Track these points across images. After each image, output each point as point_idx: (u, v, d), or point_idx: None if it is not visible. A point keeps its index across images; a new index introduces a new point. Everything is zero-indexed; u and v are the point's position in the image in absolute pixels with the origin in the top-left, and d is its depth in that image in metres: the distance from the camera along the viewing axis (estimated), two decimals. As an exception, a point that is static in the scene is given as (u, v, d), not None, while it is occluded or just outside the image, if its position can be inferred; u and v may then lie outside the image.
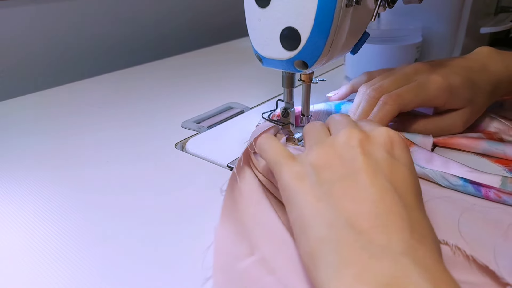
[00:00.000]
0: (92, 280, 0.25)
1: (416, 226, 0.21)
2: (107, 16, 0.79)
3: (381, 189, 0.22)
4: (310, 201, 0.23)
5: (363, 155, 0.24)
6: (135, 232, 0.30)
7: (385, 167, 0.23)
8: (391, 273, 0.18)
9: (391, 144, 0.25)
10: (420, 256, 0.19)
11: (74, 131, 0.47)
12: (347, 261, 0.19)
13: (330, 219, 0.21)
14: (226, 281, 0.24)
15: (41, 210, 0.32)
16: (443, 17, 0.56)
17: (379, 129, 0.26)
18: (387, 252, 0.19)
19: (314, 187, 0.24)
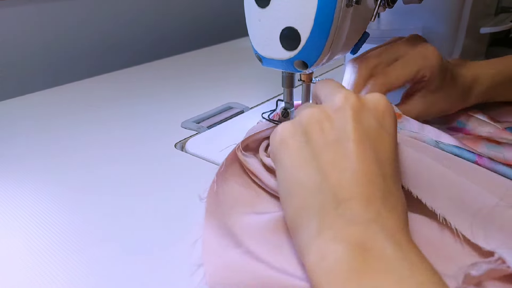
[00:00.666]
0: (92, 281, 0.25)
1: (389, 197, 0.23)
2: (107, 16, 0.79)
3: (366, 159, 0.23)
4: (296, 163, 0.24)
5: (354, 122, 0.24)
6: (135, 232, 0.30)
7: (373, 136, 0.24)
8: (361, 236, 0.21)
9: (382, 112, 0.26)
10: (387, 224, 0.22)
11: (74, 131, 0.47)
12: (325, 226, 0.22)
13: (316, 184, 0.23)
14: (216, 266, 0.24)
15: (40, 210, 0.32)
16: (443, 17, 0.56)
17: (373, 96, 0.26)
18: (360, 219, 0.22)
19: (302, 148, 0.25)
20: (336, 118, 0.25)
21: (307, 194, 0.23)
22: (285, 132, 0.26)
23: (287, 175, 0.24)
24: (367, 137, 0.24)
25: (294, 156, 0.25)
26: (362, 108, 0.25)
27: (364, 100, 0.26)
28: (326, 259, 0.21)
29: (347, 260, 0.20)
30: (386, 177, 0.23)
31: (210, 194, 0.31)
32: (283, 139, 0.25)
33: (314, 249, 0.22)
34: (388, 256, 0.20)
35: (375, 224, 0.21)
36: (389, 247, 0.20)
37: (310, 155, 0.24)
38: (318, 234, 0.22)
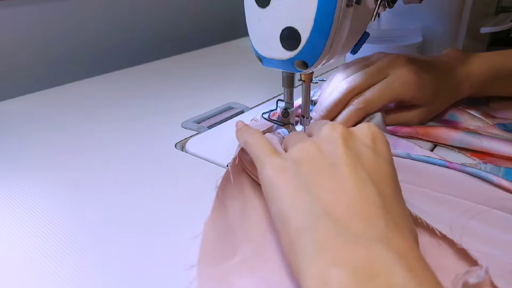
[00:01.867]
0: (91, 280, 0.25)
1: (391, 215, 0.21)
2: (107, 16, 0.79)
3: (359, 181, 0.22)
4: (289, 192, 0.24)
5: (344, 147, 0.24)
6: (135, 232, 0.30)
7: (365, 160, 0.24)
8: (364, 258, 0.19)
9: (373, 139, 0.26)
10: (394, 243, 0.19)
11: (74, 131, 0.47)
12: (323, 247, 0.20)
13: (308, 208, 0.22)
14: (209, 275, 0.24)
15: (40, 210, 0.32)
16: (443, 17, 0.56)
17: (361, 125, 0.27)
18: (361, 238, 0.20)
19: (293, 179, 0.24)
20: (326, 147, 0.25)
21: (301, 218, 0.22)
22: (274, 169, 0.25)
23: (280, 205, 0.24)
24: (359, 161, 0.24)
25: (285, 188, 0.24)
26: (351, 136, 0.25)
27: (352, 130, 0.26)
28: (327, 285, 0.18)
29: (351, 286, 0.18)
30: (385, 196, 0.22)
31: (221, 187, 0.31)
32: (272, 176, 0.25)
33: (313, 273, 0.19)
34: (399, 284, 0.17)
35: (380, 244, 0.19)
36: (399, 270, 0.18)
37: (302, 184, 0.24)
38: (316, 256, 0.20)
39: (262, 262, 0.26)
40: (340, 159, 0.23)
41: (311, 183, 0.23)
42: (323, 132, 0.26)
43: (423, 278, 0.18)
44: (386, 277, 0.18)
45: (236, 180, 0.33)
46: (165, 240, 0.29)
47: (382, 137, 0.26)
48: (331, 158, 0.24)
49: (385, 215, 0.21)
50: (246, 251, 0.27)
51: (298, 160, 0.25)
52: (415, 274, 0.18)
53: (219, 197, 0.30)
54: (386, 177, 0.24)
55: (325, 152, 0.25)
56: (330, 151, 0.24)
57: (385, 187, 0.23)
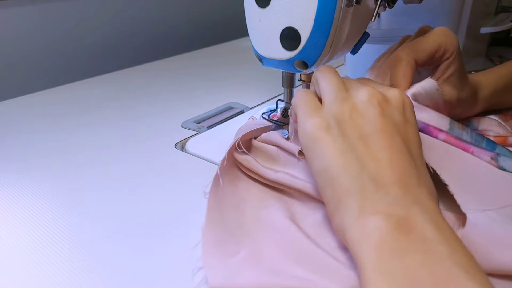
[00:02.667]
0: (91, 280, 0.25)
1: (423, 184, 0.25)
2: (107, 16, 0.79)
3: (397, 150, 0.25)
4: (335, 153, 0.26)
5: (382, 116, 0.26)
6: (135, 231, 0.30)
7: (400, 128, 0.26)
8: (404, 217, 0.22)
9: (403, 107, 0.28)
10: (426, 206, 0.23)
11: (74, 131, 0.47)
12: (368, 208, 0.23)
13: (356, 173, 0.25)
14: (216, 271, 0.25)
15: (40, 210, 0.32)
16: (443, 17, 0.56)
17: (394, 92, 0.28)
18: (401, 202, 0.23)
19: (337, 140, 0.26)
20: (365, 112, 0.27)
21: (348, 181, 0.25)
22: (317, 126, 0.27)
23: (326, 163, 0.26)
24: (396, 130, 0.26)
25: (331, 147, 0.26)
26: (387, 104, 0.27)
27: (387, 95, 0.28)
28: (369, 235, 0.22)
29: (390, 237, 0.21)
30: (418, 167, 0.25)
31: (213, 189, 0.31)
32: (317, 133, 0.27)
33: (357, 226, 0.23)
34: (429, 237, 0.21)
35: (417, 207, 0.23)
36: (430, 228, 0.21)
37: (347, 146, 0.26)
38: (360, 214, 0.23)
39: (265, 255, 0.26)
40: (379, 126, 0.26)
41: (357, 148, 0.25)
42: (362, 96, 0.27)
43: (447, 234, 0.22)
44: (420, 232, 0.21)
45: (228, 180, 0.33)
46: (165, 240, 0.29)
47: (411, 104, 0.28)
48: (371, 125, 0.26)
49: (419, 183, 0.24)
50: (249, 247, 0.27)
51: (340, 121, 0.27)
52: (441, 230, 0.22)
53: (211, 201, 0.30)
54: (416, 144, 0.27)
55: (365, 118, 0.26)
56: (369, 117, 0.26)
57: (416, 153, 0.26)
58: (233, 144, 0.34)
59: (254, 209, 0.31)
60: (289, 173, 0.32)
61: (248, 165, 0.33)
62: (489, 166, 0.30)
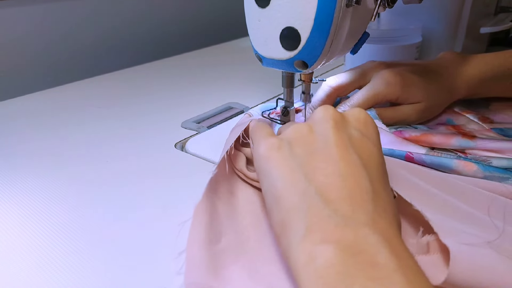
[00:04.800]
0: (91, 280, 0.25)
1: (379, 201, 0.22)
2: (107, 16, 0.79)
3: (350, 163, 0.23)
4: (283, 172, 0.24)
5: (336, 129, 0.25)
6: (135, 231, 0.30)
7: (356, 143, 0.25)
8: (352, 238, 0.20)
9: (363, 123, 0.27)
10: (380, 227, 0.21)
11: (74, 131, 0.47)
12: (314, 228, 0.21)
13: (302, 189, 0.23)
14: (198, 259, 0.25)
15: (40, 209, 0.32)
16: (443, 17, 0.56)
17: (353, 110, 0.28)
18: (350, 221, 0.21)
19: (287, 158, 0.25)
20: (319, 129, 0.26)
21: (295, 196, 0.23)
22: (269, 146, 0.26)
23: (274, 183, 0.24)
24: (350, 143, 0.25)
25: (280, 166, 0.25)
26: (342, 119, 0.26)
27: (344, 113, 0.27)
28: (315, 261, 0.20)
29: (338, 262, 0.19)
30: (374, 181, 0.23)
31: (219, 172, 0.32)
32: (268, 152, 0.26)
33: (302, 251, 0.21)
34: (382, 263, 0.19)
35: (367, 227, 0.20)
36: (383, 251, 0.19)
37: (296, 164, 0.24)
38: (306, 236, 0.21)
39: (245, 252, 0.27)
40: (332, 140, 0.24)
41: (305, 163, 0.24)
42: (316, 114, 0.27)
43: (404, 260, 0.19)
44: (370, 256, 0.19)
45: (225, 173, 0.33)
46: (165, 240, 0.29)
47: (372, 121, 0.27)
48: (323, 140, 0.25)
49: (373, 200, 0.22)
50: (230, 239, 0.27)
51: (292, 140, 0.26)
52: (396, 255, 0.19)
53: (211, 184, 0.31)
54: (375, 161, 0.25)
55: (317, 133, 0.25)
56: (322, 132, 0.25)
57: (374, 171, 0.24)
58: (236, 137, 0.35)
59: (242, 207, 0.31)
60: None
61: (237, 165, 0.34)
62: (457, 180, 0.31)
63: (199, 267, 0.24)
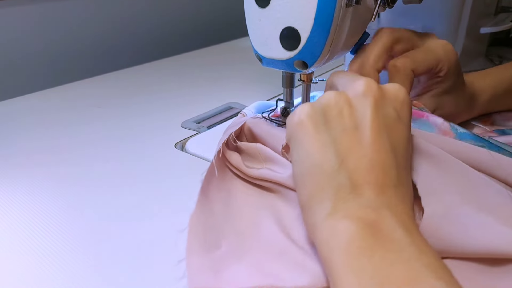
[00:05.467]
0: (91, 279, 0.25)
1: (400, 187, 0.24)
2: (107, 16, 0.79)
3: (381, 148, 0.24)
4: (315, 145, 0.25)
5: (373, 109, 0.25)
6: (135, 232, 0.30)
7: (390, 126, 0.25)
8: (373, 218, 0.22)
9: (401, 103, 0.26)
10: (398, 211, 0.23)
11: (74, 131, 0.47)
12: (340, 207, 0.23)
13: (332, 168, 0.24)
14: (198, 266, 0.25)
15: (40, 209, 0.32)
16: (443, 17, 0.56)
17: (393, 86, 0.27)
18: (372, 204, 0.23)
19: (320, 131, 0.25)
20: (357, 104, 0.25)
21: (324, 176, 0.24)
22: (303, 113, 0.26)
23: (304, 156, 0.25)
24: (385, 126, 0.25)
25: (312, 138, 0.25)
26: (383, 97, 0.26)
27: (385, 89, 0.26)
28: (338, 235, 0.22)
29: (359, 237, 0.21)
30: (399, 168, 0.24)
31: (206, 179, 0.32)
32: (302, 120, 0.26)
33: (327, 226, 0.22)
34: (398, 238, 0.21)
35: (387, 210, 0.22)
36: (399, 230, 0.21)
37: (328, 138, 0.25)
38: (331, 213, 0.23)
39: (247, 251, 0.26)
40: (368, 122, 0.24)
41: (338, 140, 0.24)
42: (358, 87, 0.26)
43: (416, 238, 0.21)
44: (388, 234, 0.21)
45: (220, 172, 0.33)
46: (165, 239, 0.29)
47: (409, 103, 0.27)
48: (360, 117, 0.25)
49: (396, 186, 0.24)
50: (232, 242, 0.27)
51: (328, 111, 0.26)
52: (410, 234, 0.21)
53: (203, 191, 0.31)
54: (404, 145, 0.25)
55: (355, 110, 0.25)
56: (360, 109, 0.25)
57: (401, 158, 0.25)
58: (226, 138, 0.35)
59: (239, 205, 0.31)
60: (270, 168, 0.33)
61: (234, 162, 0.34)
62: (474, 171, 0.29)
63: (201, 273, 0.25)
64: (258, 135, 0.35)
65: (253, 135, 0.36)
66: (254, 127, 0.36)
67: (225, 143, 0.35)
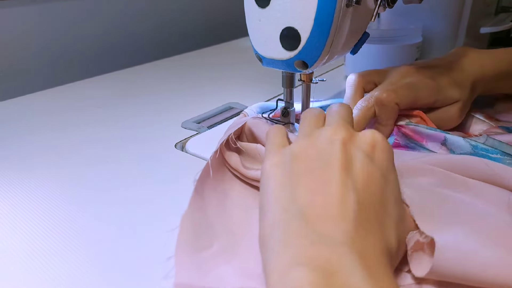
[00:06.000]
0: (90, 279, 0.25)
1: (365, 223, 0.21)
2: (107, 16, 0.79)
3: (343, 186, 0.23)
4: (274, 187, 0.25)
5: (340, 150, 0.24)
6: (135, 232, 0.30)
7: (356, 167, 0.24)
8: (327, 258, 0.19)
9: (373, 147, 0.25)
10: (358, 247, 0.20)
11: (74, 131, 0.47)
12: (289, 245, 0.21)
13: (286, 205, 0.23)
14: (186, 266, 0.25)
15: (40, 209, 0.32)
16: (443, 17, 0.56)
17: (366, 131, 0.26)
18: (328, 240, 0.20)
19: (284, 175, 0.25)
20: (324, 147, 0.25)
21: (278, 212, 0.23)
22: (272, 163, 0.26)
23: (265, 198, 0.25)
24: (350, 166, 0.24)
25: (274, 182, 0.25)
26: (351, 140, 0.25)
27: (356, 134, 0.26)
28: (286, 281, 0.19)
29: (308, 284, 0.18)
30: (366, 205, 0.22)
31: (201, 180, 0.32)
32: (269, 169, 0.26)
33: (275, 268, 0.20)
34: (353, 284, 0.18)
35: (344, 246, 0.20)
36: (358, 272, 0.18)
37: (290, 181, 0.24)
38: (281, 253, 0.21)
39: (238, 252, 0.27)
40: (332, 161, 0.24)
41: (298, 181, 0.24)
42: (326, 132, 0.26)
43: (380, 283, 0.18)
44: (344, 276, 0.18)
45: (216, 173, 0.33)
46: (165, 239, 0.29)
47: (384, 145, 0.26)
48: (325, 159, 0.24)
49: (356, 220, 0.21)
50: (223, 242, 0.28)
51: (295, 157, 0.26)
52: (374, 277, 0.18)
53: (197, 190, 0.31)
54: (374, 187, 0.23)
55: (321, 153, 0.25)
56: (326, 153, 0.25)
57: (369, 196, 0.23)
58: (226, 138, 0.35)
59: (234, 206, 0.31)
60: None
61: (233, 163, 0.34)
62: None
63: (189, 270, 0.25)
64: (258, 135, 0.35)
65: (253, 136, 0.36)
66: (254, 127, 0.36)
67: (224, 144, 0.35)
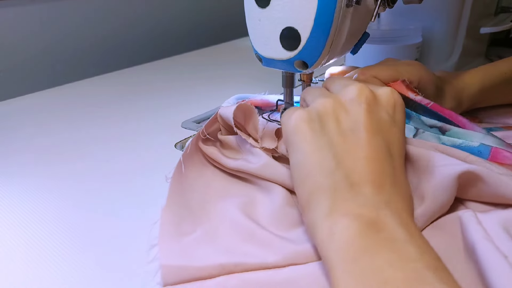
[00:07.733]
0: (91, 279, 0.25)
1: (398, 185, 0.25)
2: (107, 16, 0.79)
3: (377, 148, 0.25)
4: (312, 149, 0.25)
5: (367, 113, 0.26)
6: (135, 232, 0.30)
7: (385, 128, 0.26)
8: (373, 217, 0.22)
9: (394, 106, 0.27)
10: (397, 208, 0.23)
11: (74, 131, 0.47)
12: (338, 207, 0.23)
13: (330, 170, 0.25)
14: (170, 250, 0.26)
15: (39, 208, 0.32)
16: (443, 17, 0.56)
17: (385, 90, 0.28)
18: (371, 202, 0.23)
19: (317, 135, 0.26)
20: (351, 109, 0.26)
21: (322, 176, 0.24)
22: (300, 118, 0.27)
23: (303, 159, 0.26)
24: (379, 129, 0.26)
25: (310, 142, 0.26)
26: (375, 102, 0.27)
27: (377, 94, 0.27)
28: (339, 235, 0.22)
29: (359, 237, 0.21)
30: (396, 167, 0.25)
31: (176, 175, 0.33)
32: (298, 124, 0.26)
33: (326, 226, 0.23)
34: (398, 238, 0.21)
35: (387, 208, 0.23)
36: (399, 230, 0.21)
37: (326, 142, 0.25)
38: (330, 212, 0.23)
39: (221, 235, 0.27)
40: (363, 124, 0.25)
41: (336, 144, 0.25)
42: (350, 92, 0.27)
43: (415, 237, 0.21)
44: (389, 232, 0.21)
45: (194, 168, 0.34)
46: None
47: (402, 105, 0.28)
48: (354, 121, 0.26)
49: (393, 184, 0.24)
50: (206, 227, 0.28)
51: (323, 115, 0.26)
52: (411, 233, 0.21)
53: (173, 185, 0.32)
54: (399, 146, 0.26)
55: (349, 114, 0.26)
56: (354, 114, 0.26)
57: (397, 156, 0.26)
58: (197, 133, 0.36)
59: (217, 195, 0.32)
60: (246, 159, 0.34)
61: (212, 155, 0.35)
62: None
63: (173, 252, 0.25)
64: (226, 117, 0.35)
65: (227, 124, 0.36)
66: (223, 114, 0.36)
67: (201, 138, 0.36)
